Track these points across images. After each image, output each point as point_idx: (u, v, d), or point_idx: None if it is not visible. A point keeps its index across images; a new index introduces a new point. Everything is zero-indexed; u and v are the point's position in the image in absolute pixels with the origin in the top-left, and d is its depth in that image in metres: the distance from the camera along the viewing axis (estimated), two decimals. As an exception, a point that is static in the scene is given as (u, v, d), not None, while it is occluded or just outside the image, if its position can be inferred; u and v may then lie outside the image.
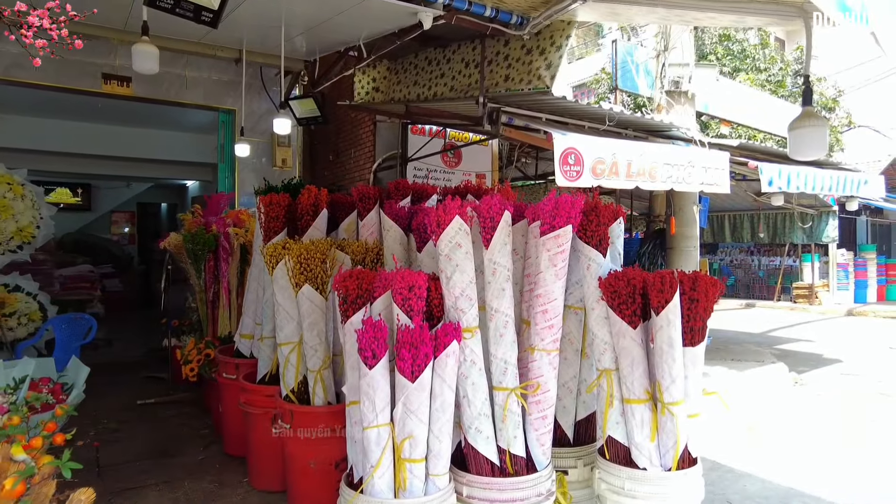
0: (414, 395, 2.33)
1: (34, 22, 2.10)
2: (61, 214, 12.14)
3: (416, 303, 2.44)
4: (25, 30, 2.11)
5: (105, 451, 4.16)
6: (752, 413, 5.57)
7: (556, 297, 2.56)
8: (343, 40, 5.66)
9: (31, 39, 2.11)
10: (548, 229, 2.56)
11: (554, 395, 2.63)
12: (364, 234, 3.52)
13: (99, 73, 6.25)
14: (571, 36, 4.64)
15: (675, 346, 2.46)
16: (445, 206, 2.52)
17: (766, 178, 6.00)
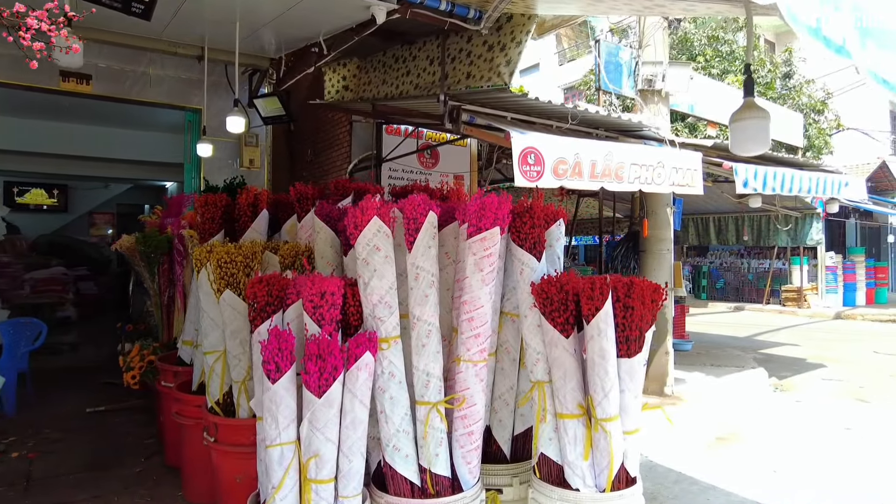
0: (321, 411, 2.15)
1: (33, 24, 2.09)
2: (37, 216, 12.05)
3: (329, 311, 2.27)
4: (24, 32, 2.09)
5: (41, 464, 4.00)
6: (725, 421, 5.40)
7: (483, 303, 2.38)
8: (304, 36, 5.49)
9: (30, 42, 2.09)
10: (474, 231, 2.38)
11: (481, 409, 2.45)
12: (302, 237, 3.35)
13: (56, 71, 6.05)
14: (531, 31, 4.47)
15: (607, 358, 2.28)
16: (363, 205, 2.34)
17: (741, 180, 5.83)
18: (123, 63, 6.38)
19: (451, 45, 5.26)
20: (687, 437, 4.97)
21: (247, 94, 7.14)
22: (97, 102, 6.93)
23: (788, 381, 7.25)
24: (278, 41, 5.85)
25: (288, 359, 2.20)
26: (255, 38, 5.84)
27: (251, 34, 5.45)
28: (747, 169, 5.90)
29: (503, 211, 2.38)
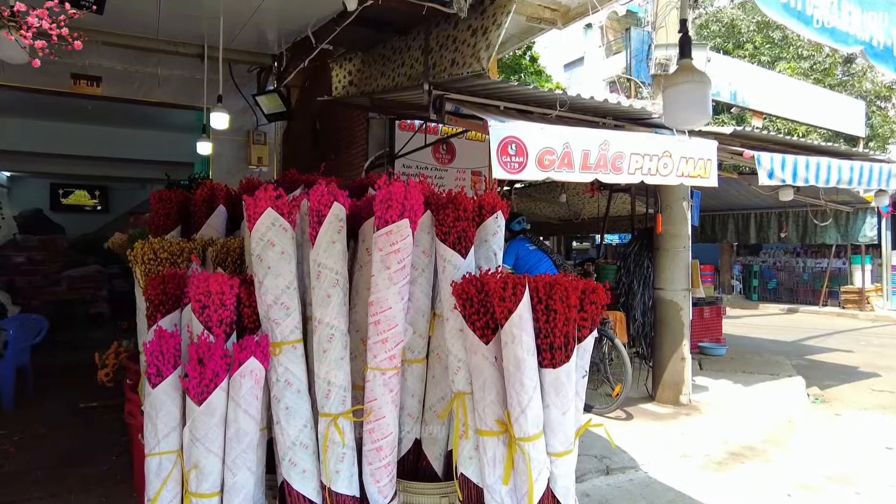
0: (201, 420, 1.98)
1: (34, 22, 2.14)
2: (79, 216, 12.59)
3: (218, 311, 2.08)
4: (25, 30, 2.16)
5: (16, 459, 4.05)
6: (742, 435, 4.91)
7: (391, 305, 2.14)
8: (292, 30, 5.40)
9: (31, 40, 2.16)
10: (379, 224, 2.14)
11: (391, 423, 2.20)
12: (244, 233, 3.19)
13: (68, 74, 6.21)
14: (511, 11, 4.16)
15: (522, 368, 1.99)
16: (257, 195, 2.15)
17: (765, 170, 5.30)
18: (131, 64, 6.47)
19: (441, 33, 5.01)
20: (695, 451, 4.53)
21: (255, 91, 7.13)
22: (132, 106, 7.11)
23: (831, 392, 6.59)
24: (270, 37, 5.78)
25: (170, 362, 2.03)
26: (250, 35, 5.79)
27: (240, 30, 5.40)
28: (773, 158, 5.37)
29: (412, 201, 2.13)
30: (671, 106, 2.45)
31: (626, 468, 4.21)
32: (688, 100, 2.35)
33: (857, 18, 2.33)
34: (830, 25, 2.21)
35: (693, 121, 2.49)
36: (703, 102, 2.35)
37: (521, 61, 17.34)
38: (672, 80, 2.41)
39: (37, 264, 8.43)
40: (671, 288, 5.63)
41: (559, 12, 8.76)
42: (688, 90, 2.33)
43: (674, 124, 2.53)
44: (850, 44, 2.36)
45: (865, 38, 2.42)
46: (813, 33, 2.21)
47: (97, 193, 12.52)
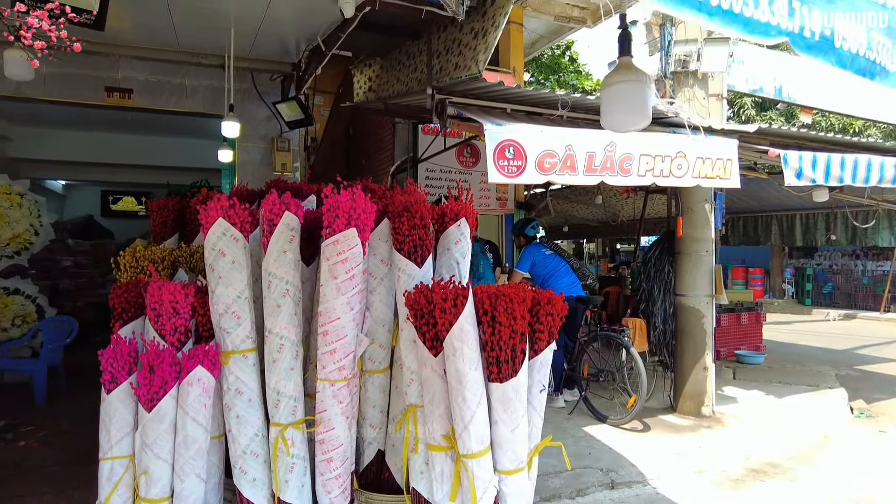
0: (150, 426, 2.01)
1: (33, 23, 2.13)
2: (127, 221, 13.20)
3: (171, 320, 2.12)
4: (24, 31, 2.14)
5: (37, 453, 4.26)
6: (767, 450, 4.62)
7: (339, 315, 2.12)
8: (305, 38, 5.48)
9: (31, 41, 2.15)
10: (327, 234, 2.13)
11: (342, 434, 2.18)
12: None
13: (102, 87, 6.52)
14: (509, 12, 4.07)
15: (464, 382, 1.93)
16: (210, 205, 2.17)
17: (793, 170, 4.98)
18: (161, 75, 6.73)
19: (448, 36, 4.98)
20: (712, 466, 4.30)
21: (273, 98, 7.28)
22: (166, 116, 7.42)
23: (879, 406, 6.14)
24: (287, 45, 5.89)
25: (125, 369, 2.08)
26: (269, 44, 5.91)
27: (254, 40, 5.53)
28: (801, 157, 5.06)
29: (359, 211, 2.10)
30: (607, 107, 2.32)
31: (633, 482, 4.04)
32: (623, 100, 2.21)
33: (782, 7, 2.13)
34: (744, 15, 2.03)
35: (630, 123, 2.35)
36: (641, 103, 2.20)
37: (560, 61, 17.08)
38: (608, 80, 2.28)
39: (82, 267, 8.89)
40: (693, 294, 5.38)
41: (588, 10, 8.56)
42: (623, 90, 2.19)
43: (611, 127, 2.40)
44: (772, 35, 2.17)
45: (793, 29, 2.21)
46: (716, 24, 2.04)
47: (144, 200, 13.13)
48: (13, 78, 3.52)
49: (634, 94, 2.20)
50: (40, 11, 2.14)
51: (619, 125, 2.42)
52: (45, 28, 2.14)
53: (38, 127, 9.60)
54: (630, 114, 2.30)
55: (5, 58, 3.38)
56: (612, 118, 2.37)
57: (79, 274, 8.71)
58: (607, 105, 2.34)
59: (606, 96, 2.32)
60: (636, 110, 2.25)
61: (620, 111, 2.31)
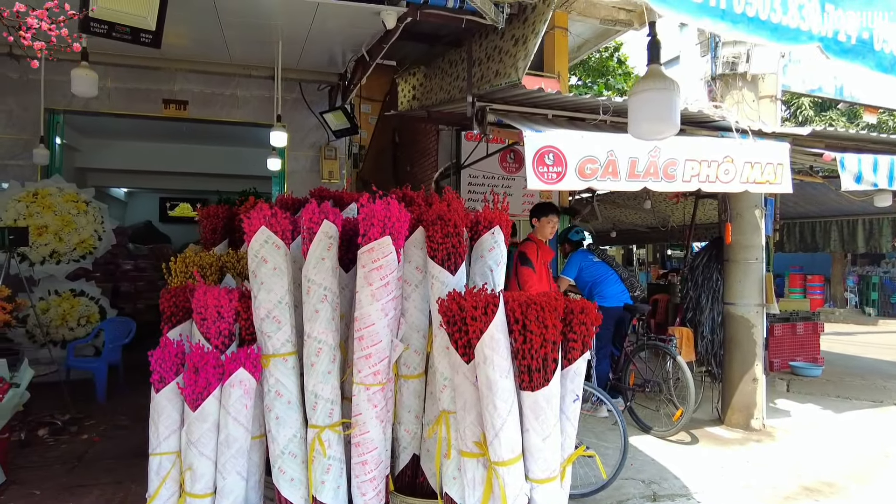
0: (195, 425, 2.12)
1: (33, 23, 2.12)
2: (183, 226, 13.79)
3: (216, 324, 2.22)
4: (24, 31, 2.13)
5: (99, 447, 4.51)
6: (823, 467, 4.41)
7: (374, 321, 2.17)
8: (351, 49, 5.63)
9: (30, 41, 2.13)
10: (363, 241, 2.19)
11: (376, 437, 2.23)
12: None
13: (160, 99, 6.87)
14: (548, 18, 4.05)
15: (494, 390, 1.94)
16: (252, 214, 2.27)
17: (851, 174, 4.78)
18: (214, 87, 7.04)
19: (489, 44, 5.00)
20: (759, 482, 4.15)
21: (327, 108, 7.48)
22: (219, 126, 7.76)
23: (949, 425, 5.77)
24: (334, 56, 6.05)
25: (172, 370, 2.20)
26: (316, 55, 6.10)
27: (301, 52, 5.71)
28: (860, 160, 4.84)
29: (394, 219, 2.15)
30: (634, 115, 2.27)
31: (677, 496, 3.94)
32: (651, 109, 2.16)
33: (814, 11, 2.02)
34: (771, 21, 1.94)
35: (657, 132, 2.29)
36: (669, 112, 2.14)
37: (608, 64, 16.81)
38: (636, 88, 2.23)
39: (142, 271, 9.34)
40: (742, 303, 5.20)
41: (635, 13, 8.41)
42: (651, 98, 2.14)
43: (638, 135, 2.34)
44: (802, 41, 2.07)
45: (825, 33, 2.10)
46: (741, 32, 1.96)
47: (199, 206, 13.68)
48: (79, 94, 3.77)
49: (662, 102, 2.17)
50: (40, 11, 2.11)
51: (646, 134, 2.38)
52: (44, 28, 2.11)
53: (102, 138, 10.19)
54: (657, 122, 2.26)
55: (72, 76, 3.63)
56: (640, 127, 2.34)
57: (138, 277, 9.17)
58: (635, 113, 2.31)
59: (634, 104, 2.29)
60: (664, 119, 2.22)
61: (648, 120, 2.27)
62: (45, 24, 2.11)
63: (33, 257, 5.78)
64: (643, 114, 2.26)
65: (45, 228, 5.85)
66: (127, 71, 6.62)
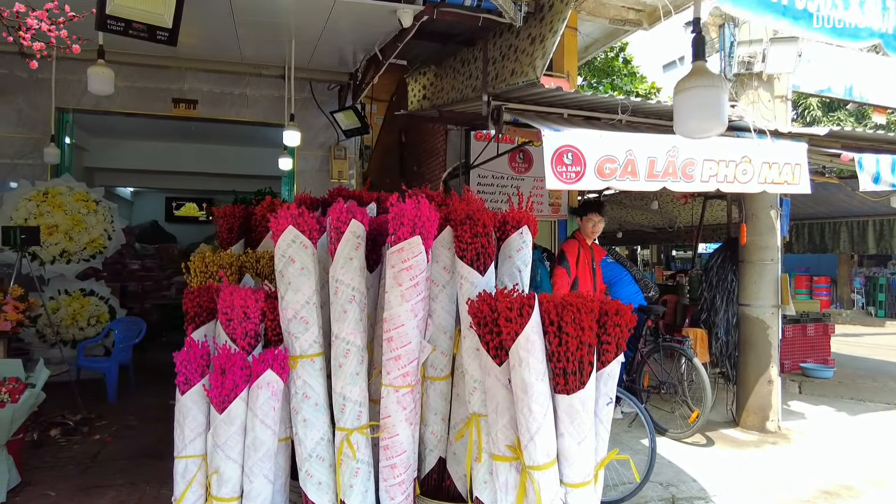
0: (221, 427, 2.08)
1: (33, 24, 2.14)
2: (189, 226, 13.77)
3: (242, 324, 2.19)
4: (24, 32, 2.15)
5: (111, 447, 4.48)
6: (840, 470, 4.37)
7: (403, 322, 2.13)
8: (363, 48, 5.59)
9: (30, 41, 2.14)
10: (392, 241, 2.15)
11: (405, 440, 2.19)
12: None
13: (169, 98, 6.84)
14: (567, 17, 4.01)
15: (530, 393, 1.91)
16: (279, 213, 2.23)
17: (869, 174, 4.74)
18: (223, 87, 7.01)
19: (504, 43, 4.96)
20: (777, 485, 4.11)
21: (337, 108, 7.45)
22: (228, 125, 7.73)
23: (965, 427, 5.72)
24: (345, 55, 6.02)
25: (198, 372, 2.16)
26: (327, 54, 6.06)
27: (313, 51, 5.67)
28: (878, 160, 4.81)
29: (424, 219, 2.12)
30: (681, 113, 2.23)
31: (695, 498, 3.90)
32: (698, 106, 2.12)
33: (875, 6, 1.99)
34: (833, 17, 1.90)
35: (705, 130, 2.25)
36: (716, 109, 2.10)
37: (613, 64, 16.77)
38: (681, 85, 2.20)
39: (149, 270, 9.32)
40: (757, 304, 5.16)
41: (644, 13, 8.38)
42: (698, 95, 2.10)
43: (685, 133, 2.30)
44: (863, 38, 2.03)
45: (887, 30, 2.06)
46: (801, 28, 1.92)
47: (204, 205, 13.66)
48: (96, 93, 3.74)
49: (710, 99, 2.13)
50: (40, 12, 2.12)
51: (693, 132, 2.34)
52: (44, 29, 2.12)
53: (110, 138, 10.17)
54: (705, 120, 2.22)
55: (89, 74, 3.60)
56: (686, 125, 2.31)
57: (145, 277, 9.14)
58: (681, 111, 2.27)
59: (680, 102, 2.26)
60: (711, 116, 2.18)
61: (695, 118, 2.23)
62: (45, 25, 2.12)
63: (44, 256, 5.76)
64: (690, 111, 2.22)
65: (56, 228, 5.82)
66: (137, 70, 6.59)
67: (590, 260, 4.78)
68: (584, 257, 4.74)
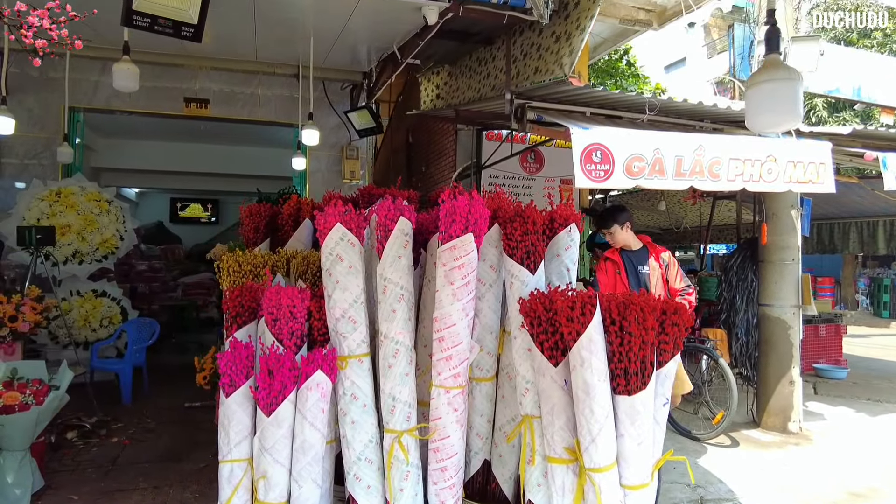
0: (269, 430, 2.03)
1: (34, 22, 2.13)
2: (194, 227, 13.69)
3: (289, 324, 2.14)
4: (25, 30, 2.14)
5: (130, 450, 4.42)
6: (866, 471, 4.34)
7: (455, 321, 2.09)
8: (379, 47, 5.55)
9: (31, 39, 2.14)
10: (444, 239, 2.11)
11: (456, 442, 2.14)
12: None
13: (181, 98, 6.79)
14: (595, 15, 3.99)
15: (592, 394, 1.86)
16: (327, 211, 2.19)
17: (893, 173, 4.72)
18: (235, 86, 6.96)
19: (525, 41, 4.93)
20: (806, 487, 4.07)
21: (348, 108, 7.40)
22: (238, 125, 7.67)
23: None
24: (360, 55, 5.98)
25: (243, 373, 2.11)
26: (341, 54, 6.02)
27: (330, 50, 5.63)
28: (903, 160, 4.77)
29: (476, 215, 2.08)
30: (753, 107, 2.19)
31: (722, 500, 3.87)
32: (772, 99, 2.09)
33: None
34: None
35: (779, 123, 2.22)
36: (792, 102, 2.07)
37: (617, 65, 16.75)
38: (755, 79, 2.16)
39: (156, 272, 9.25)
40: (778, 304, 5.13)
41: (654, 13, 8.35)
42: (773, 89, 2.07)
43: (758, 128, 2.26)
44: None
45: None
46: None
47: (209, 206, 13.59)
48: (121, 89, 3.69)
49: (785, 92, 2.10)
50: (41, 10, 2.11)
51: (766, 126, 2.31)
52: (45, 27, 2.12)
53: (117, 138, 10.09)
54: (779, 114, 2.19)
55: (114, 70, 3.55)
56: (759, 119, 2.27)
57: (153, 278, 9.06)
58: (754, 105, 2.23)
59: (753, 96, 2.22)
60: (787, 110, 2.15)
61: (769, 111, 2.20)
62: (46, 23, 2.12)
63: (56, 257, 5.69)
64: (763, 105, 2.18)
65: (69, 228, 5.76)
66: (149, 69, 6.52)
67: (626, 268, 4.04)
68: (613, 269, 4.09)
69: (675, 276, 3.89)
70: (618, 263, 3.93)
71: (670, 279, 3.87)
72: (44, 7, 2.10)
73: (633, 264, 3.92)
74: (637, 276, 3.85)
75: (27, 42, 2.12)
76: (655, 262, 3.91)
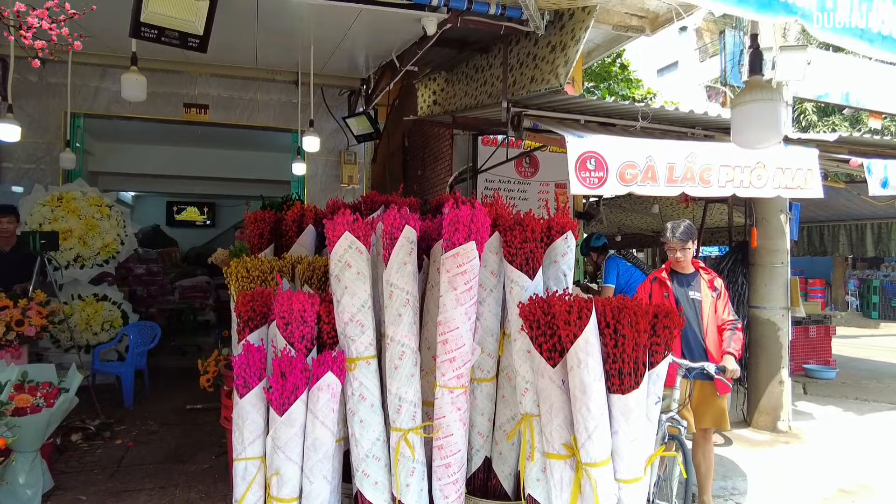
0: (282, 429, 2.13)
1: (34, 23, 2.12)
2: (190, 230, 13.73)
3: (299, 328, 2.24)
4: (25, 30, 2.13)
5: (134, 452, 4.50)
6: (854, 469, 4.47)
7: (458, 325, 2.20)
8: (378, 55, 5.65)
9: (31, 40, 2.13)
10: (447, 246, 2.21)
11: (459, 440, 2.25)
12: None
13: (180, 103, 6.86)
14: (590, 26, 4.11)
15: (588, 393, 1.98)
16: (336, 219, 2.29)
17: (877, 179, 4.86)
18: (234, 92, 7.05)
19: (521, 50, 5.05)
20: (798, 484, 4.20)
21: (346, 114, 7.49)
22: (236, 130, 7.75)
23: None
24: (359, 62, 6.08)
25: (256, 375, 2.21)
26: (340, 60, 6.11)
27: (330, 57, 5.73)
28: (886, 166, 4.93)
29: (479, 224, 2.19)
30: (739, 125, 2.32)
31: (716, 496, 3.98)
32: (757, 119, 2.22)
33: None
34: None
35: (763, 140, 2.34)
36: (774, 121, 2.20)
37: (610, 69, 16.93)
38: (740, 99, 2.29)
39: (154, 275, 9.31)
40: (768, 306, 5.27)
41: (647, 19, 8.47)
42: (757, 109, 2.20)
43: (743, 144, 2.38)
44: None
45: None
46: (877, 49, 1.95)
47: (206, 210, 13.65)
48: (129, 99, 3.78)
49: (767, 112, 2.22)
50: (40, 10, 2.10)
51: (751, 143, 2.43)
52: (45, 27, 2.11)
53: (113, 142, 10.13)
54: (763, 131, 2.31)
55: (122, 80, 3.64)
56: (745, 136, 2.39)
57: (151, 281, 9.13)
58: (740, 123, 2.36)
59: (738, 115, 2.35)
60: (769, 128, 2.27)
61: (753, 129, 2.32)
62: (46, 24, 2.11)
63: (59, 261, 5.75)
64: (748, 123, 2.31)
65: (70, 232, 5.82)
66: (149, 75, 6.53)
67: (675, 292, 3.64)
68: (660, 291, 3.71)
69: (723, 306, 3.51)
70: (666, 286, 3.57)
71: (719, 309, 3.49)
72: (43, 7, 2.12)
73: (683, 289, 3.55)
74: (689, 301, 3.49)
75: (26, 43, 2.12)
76: (709, 288, 3.53)
